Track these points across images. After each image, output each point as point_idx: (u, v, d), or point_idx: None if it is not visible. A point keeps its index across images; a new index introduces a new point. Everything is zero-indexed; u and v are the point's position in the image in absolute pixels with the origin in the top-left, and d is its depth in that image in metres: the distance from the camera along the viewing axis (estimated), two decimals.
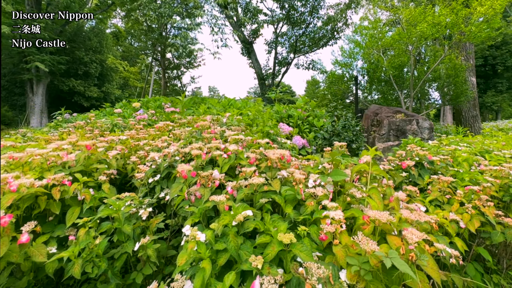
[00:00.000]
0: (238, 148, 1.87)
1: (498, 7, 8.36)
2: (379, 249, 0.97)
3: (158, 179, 2.33)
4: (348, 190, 1.48)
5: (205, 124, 2.47)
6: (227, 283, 1.03)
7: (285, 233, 1.20)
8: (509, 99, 20.17)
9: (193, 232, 1.22)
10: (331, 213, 1.21)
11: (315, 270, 0.95)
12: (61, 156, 2.15)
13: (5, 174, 1.82)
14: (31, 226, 1.66)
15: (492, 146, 4.05)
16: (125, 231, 1.69)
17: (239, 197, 1.56)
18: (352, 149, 3.86)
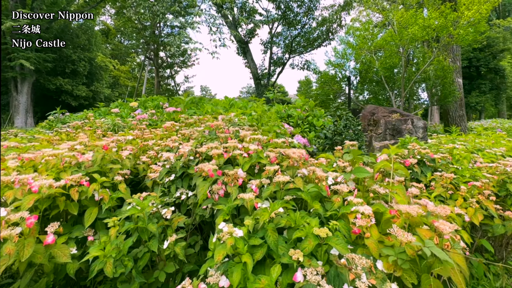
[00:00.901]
0: (258, 147, 1.92)
1: (484, 11, 8.76)
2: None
3: (173, 178, 2.34)
4: (370, 187, 1.55)
5: (219, 123, 2.50)
6: (274, 275, 1.08)
7: (318, 228, 1.26)
8: (492, 100, 21.07)
9: (230, 229, 1.26)
10: (360, 208, 1.29)
11: (358, 260, 1.01)
12: (76, 157, 2.13)
13: (24, 175, 1.80)
14: (55, 226, 1.66)
15: (484, 144, 4.26)
16: (150, 230, 1.70)
17: (265, 194, 1.61)
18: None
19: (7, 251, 1.44)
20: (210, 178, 1.89)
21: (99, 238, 1.79)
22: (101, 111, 7.37)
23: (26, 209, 1.66)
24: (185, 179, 2.43)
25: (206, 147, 2.20)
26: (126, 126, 5.04)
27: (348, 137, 4.03)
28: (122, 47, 30.56)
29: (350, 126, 4.08)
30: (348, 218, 1.38)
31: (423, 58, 11.65)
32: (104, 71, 25.89)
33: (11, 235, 1.47)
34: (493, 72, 19.74)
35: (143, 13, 11.76)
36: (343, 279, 1.09)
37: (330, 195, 1.53)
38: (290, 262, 1.15)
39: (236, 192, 1.57)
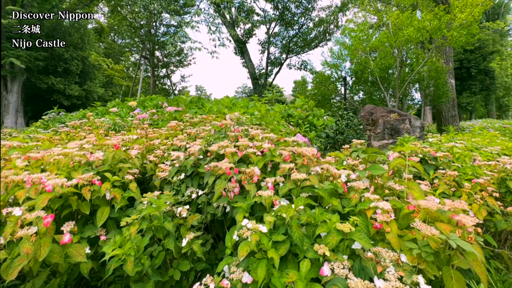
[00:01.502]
0: (271, 146, 1.94)
1: (476, 14, 8.99)
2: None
3: (183, 177, 2.34)
4: (385, 183, 1.60)
5: (228, 122, 2.51)
6: (303, 269, 1.10)
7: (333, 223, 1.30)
8: (482, 100, 21.62)
9: (254, 225, 1.28)
10: (380, 204, 1.32)
11: (385, 254, 1.05)
12: (87, 156, 2.11)
13: (37, 174, 1.77)
14: (70, 226, 1.65)
15: (480, 143, 4.39)
16: (167, 228, 1.70)
17: (281, 192, 1.63)
18: None
19: (25, 251, 1.42)
20: (225, 176, 1.90)
21: (113, 237, 1.78)
22: (99, 111, 7.27)
23: (40, 208, 1.64)
24: (195, 178, 2.43)
25: (217, 145, 2.21)
26: (126, 126, 4.99)
27: (350, 136, 4.09)
28: (116, 46, 30.17)
29: (351, 125, 4.14)
30: (366, 214, 1.42)
31: (416, 59, 11.88)
32: (97, 70, 25.49)
33: (27, 235, 1.46)
34: (483, 74, 20.25)
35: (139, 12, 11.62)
36: (368, 272, 1.13)
37: (347, 192, 1.56)
38: (316, 256, 1.17)
39: (255, 190, 1.59)
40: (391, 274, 0.97)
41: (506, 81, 23.32)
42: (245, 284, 1.31)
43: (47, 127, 7.06)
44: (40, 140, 3.41)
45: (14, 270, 1.47)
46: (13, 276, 1.46)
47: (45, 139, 3.34)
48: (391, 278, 0.95)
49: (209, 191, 2.22)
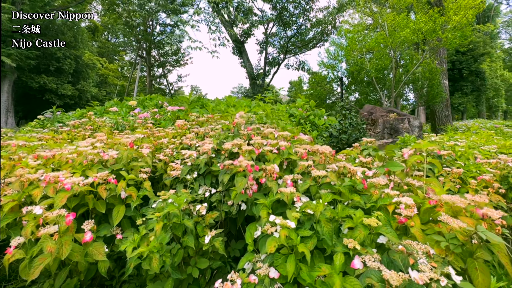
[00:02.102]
0: (287, 144, 1.97)
1: (470, 16, 9.22)
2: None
3: (196, 176, 2.34)
4: (403, 179, 1.64)
5: (240, 121, 2.53)
6: (337, 262, 1.13)
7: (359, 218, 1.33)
8: (473, 101, 22.16)
9: (282, 221, 1.30)
10: (403, 199, 1.36)
11: (416, 246, 1.08)
12: (100, 154, 2.09)
13: (54, 173, 1.75)
14: (90, 224, 1.63)
15: (478, 142, 4.51)
16: (187, 226, 1.71)
17: (302, 188, 1.66)
18: None
19: (49, 249, 1.41)
20: (242, 173, 1.91)
21: (132, 236, 1.77)
22: (97, 110, 7.17)
23: (59, 207, 1.63)
24: (207, 177, 2.44)
25: (231, 143, 2.22)
26: (128, 125, 4.94)
27: (353, 135, 4.15)
28: (110, 44, 29.77)
29: (354, 124, 4.20)
30: (387, 209, 1.45)
31: (410, 60, 12.10)
32: (91, 70, 25.09)
33: (49, 233, 1.44)
34: (474, 75, 20.76)
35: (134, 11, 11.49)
36: (397, 264, 1.16)
37: (367, 188, 1.60)
38: (345, 250, 1.20)
39: (277, 187, 1.61)
40: (424, 265, 1.01)
41: (496, 82, 23.97)
42: (272, 279, 1.33)
43: (44, 127, 6.93)
44: (44, 139, 3.35)
45: (36, 269, 1.45)
46: (34, 275, 1.44)
47: (49, 139, 3.29)
48: (425, 269, 0.98)
49: (224, 189, 2.23)
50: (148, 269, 1.73)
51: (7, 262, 1.51)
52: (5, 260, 1.51)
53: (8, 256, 1.51)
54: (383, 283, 1.03)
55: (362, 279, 1.06)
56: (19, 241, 1.55)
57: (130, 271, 1.68)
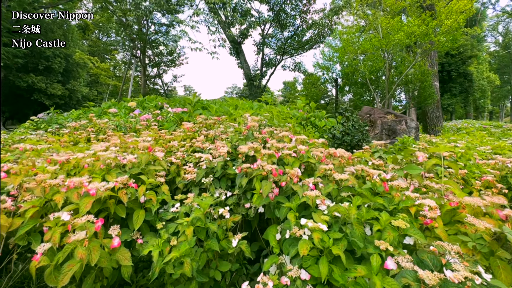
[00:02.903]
0: (306, 147, 2.01)
1: (461, 20, 9.54)
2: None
3: (212, 179, 2.36)
4: (421, 182, 1.71)
5: (254, 124, 2.56)
6: (375, 263, 1.17)
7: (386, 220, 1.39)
8: (461, 102, 22.86)
9: (314, 224, 1.34)
10: (426, 201, 1.43)
11: (448, 247, 1.14)
12: (118, 158, 2.08)
13: (77, 178, 1.74)
14: (117, 230, 1.64)
15: (475, 143, 4.69)
16: (212, 229, 1.73)
17: (325, 191, 1.71)
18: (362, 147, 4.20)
19: (80, 256, 1.41)
20: (259, 176, 1.95)
21: (156, 240, 1.78)
22: (94, 111, 7.04)
23: (85, 212, 1.62)
24: (222, 180, 2.46)
25: (247, 147, 2.25)
26: (130, 127, 4.89)
27: (357, 137, 4.24)
28: (101, 43, 29.18)
29: (357, 126, 4.29)
30: (409, 211, 1.52)
31: (402, 62, 12.38)
32: (81, 69, 24.53)
33: (80, 240, 1.44)
34: (462, 77, 21.43)
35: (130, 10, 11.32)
36: (426, 264, 1.22)
37: (388, 191, 1.66)
38: (376, 252, 1.26)
39: (302, 190, 1.65)
40: (457, 264, 1.07)
41: (483, 84, 24.82)
42: (304, 281, 1.37)
43: (38, 128, 6.78)
44: (49, 142, 3.29)
45: (65, 276, 1.45)
46: (64, 282, 1.43)
47: (54, 142, 3.23)
48: (459, 268, 1.05)
49: (242, 192, 2.26)
50: (172, 273, 1.74)
51: (33, 269, 1.50)
52: (32, 267, 1.50)
53: (35, 263, 1.49)
54: (419, 282, 1.09)
55: (398, 279, 1.12)
56: (44, 247, 1.54)
57: (156, 275, 1.69)
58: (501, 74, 30.57)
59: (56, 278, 1.56)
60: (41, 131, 5.83)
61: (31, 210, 1.68)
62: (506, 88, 31.19)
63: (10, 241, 1.81)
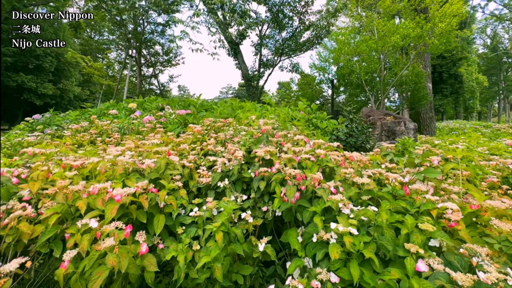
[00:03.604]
0: (325, 152, 2.05)
1: (454, 24, 9.80)
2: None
3: (228, 183, 2.37)
4: (438, 186, 1.77)
5: (268, 128, 2.58)
6: (409, 266, 1.22)
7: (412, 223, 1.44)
8: (452, 102, 23.44)
9: (345, 228, 1.38)
10: (448, 204, 1.48)
11: (478, 249, 1.20)
12: (137, 163, 2.08)
13: (101, 184, 1.73)
14: (143, 236, 1.64)
15: (472, 143, 4.85)
16: (237, 233, 1.74)
17: (347, 195, 1.75)
18: (366, 149, 4.29)
19: (111, 263, 1.41)
20: (279, 180, 1.98)
21: (172, 245, 1.79)
22: (92, 112, 6.93)
23: (110, 218, 1.62)
24: (237, 183, 2.47)
25: (263, 150, 2.28)
26: (133, 129, 4.84)
27: (361, 139, 4.32)
28: (93, 42, 28.65)
29: (361, 128, 4.37)
30: (431, 214, 1.58)
31: (397, 64, 12.63)
32: (73, 68, 24.01)
33: (108, 246, 1.44)
34: (453, 78, 21.99)
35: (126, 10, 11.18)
36: (454, 266, 1.27)
37: (409, 194, 1.71)
38: (406, 255, 1.30)
39: (327, 194, 1.69)
40: (488, 266, 1.12)
41: (472, 85, 25.54)
42: (334, 284, 1.41)
43: (33, 130, 6.64)
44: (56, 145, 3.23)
45: (94, 283, 1.44)
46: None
47: (61, 144, 3.18)
48: (491, 270, 1.10)
49: (259, 196, 2.28)
50: (196, 277, 1.76)
51: (61, 276, 1.49)
52: (59, 275, 1.49)
53: (63, 271, 1.48)
54: (452, 284, 1.14)
55: (431, 281, 1.17)
56: (70, 255, 1.53)
57: (182, 280, 1.70)
58: (489, 76, 31.54)
59: (82, 285, 1.56)
60: (36, 133, 5.71)
61: (53, 217, 1.67)
62: (494, 89, 32.19)
63: (30, 248, 1.79)
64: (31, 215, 1.68)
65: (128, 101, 6.74)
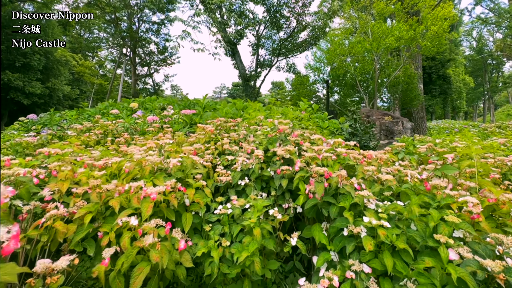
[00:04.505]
0: (346, 150, 2.14)
1: (446, 27, 10.18)
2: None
3: (250, 181, 2.43)
4: (454, 181, 1.89)
5: (285, 128, 2.66)
6: (443, 255, 1.31)
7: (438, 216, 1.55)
8: (441, 103, 24.21)
9: (378, 222, 1.47)
10: (468, 198, 1.60)
11: (503, 238, 1.31)
12: (163, 163, 2.11)
13: (136, 182, 1.76)
14: (179, 233, 1.68)
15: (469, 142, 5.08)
16: (267, 229, 1.81)
17: (371, 191, 1.84)
18: (369, 148, 4.43)
19: (155, 259, 1.45)
20: (301, 178, 2.06)
21: (200, 241, 1.84)
22: (90, 112, 6.82)
23: (147, 216, 1.65)
24: (257, 181, 2.54)
25: (282, 149, 2.35)
26: (138, 129, 4.82)
27: (364, 138, 4.45)
28: (82, 40, 27.96)
29: (365, 128, 4.51)
30: (451, 208, 1.69)
31: (390, 65, 12.98)
32: (62, 66, 23.38)
33: (151, 243, 1.48)
34: (441, 79, 22.72)
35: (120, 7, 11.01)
36: (479, 254, 1.38)
37: (430, 190, 1.82)
38: (436, 245, 1.40)
39: (354, 190, 1.78)
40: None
41: (459, 86, 26.47)
42: (367, 274, 1.50)
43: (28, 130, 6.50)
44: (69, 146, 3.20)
45: (136, 279, 1.48)
46: (136, 285, 1.46)
47: (73, 145, 3.16)
48: None
49: (280, 193, 2.36)
50: (228, 272, 1.81)
51: (102, 273, 1.51)
52: (101, 272, 1.51)
53: (104, 268, 1.51)
54: (482, 270, 1.24)
55: (463, 268, 1.27)
56: (109, 252, 1.56)
57: (216, 275, 1.75)
58: (475, 77, 32.78)
59: (120, 281, 1.59)
60: (32, 133, 5.59)
61: (88, 216, 1.69)
62: (479, 90, 33.46)
63: (63, 247, 1.80)
64: (64, 214, 1.70)
65: (128, 101, 6.68)
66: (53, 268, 1.23)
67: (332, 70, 15.19)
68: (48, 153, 2.59)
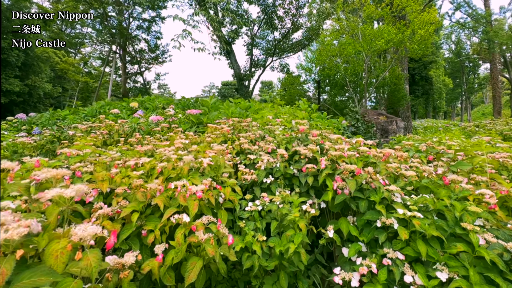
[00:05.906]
0: (370, 149, 2.31)
1: (431, 30, 10.74)
2: None
3: (279, 179, 2.54)
4: (467, 176, 2.10)
5: (306, 128, 2.79)
6: (474, 240, 1.49)
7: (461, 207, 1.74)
8: (423, 103, 25.36)
9: (411, 213, 1.63)
10: (484, 190, 1.80)
11: None
12: (198, 162, 2.17)
13: (181, 181, 1.82)
14: (225, 228, 1.76)
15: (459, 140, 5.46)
16: (300, 226, 1.93)
17: (398, 186, 2.01)
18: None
19: (211, 253, 1.53)
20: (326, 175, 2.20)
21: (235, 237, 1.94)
22: (87, 112, 6.64)
23: (194, 213, 1.72)
24: (281, 179, 2.65)
25: (307, 148, 2.48)
26: (143, 129, 4.79)
27: (366, 137, 4.68)
28: (64, 35, 26.77)
29: (367, 127, 4.73)
30: (469, 199, 1.89)
31: (378, 66, 13.48)
32: (43, 63, 22.28)
33: (205, 239, 1.56)
34: (424, 80, 23.82)
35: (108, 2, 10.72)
36: (500, 238, 1.58)
37: (448, 184, 2.02)
38: (464, 232, 1.58)
39: (382, 186, 1.93)
40: None
41: (440, 87, 27.89)
42: (402, 260, 1.66)
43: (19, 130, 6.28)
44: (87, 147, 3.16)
45: (191, 273, 1.55)
46: (191, 279, 1.54)
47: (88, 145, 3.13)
48: None
49: (305, 190, 2.48)
50: (266, 265, 1.92)
51: (156, 269, 1.57)
52: (155, 267, 1.57)
53: (158, 263, 1.57)
54: (508, 251, 1.43)
55: (491, 250, 1.45)
56: (161, 248, 1.62)
57: (257, 267, 1.85)
58: (454, 78, 34.66)
59: (170, 276, 1.66)
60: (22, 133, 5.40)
61: (135, 215, 1.73)
62: (457, 91, 35.39)
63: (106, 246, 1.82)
64: (110, 214, 1.73)
65: (128, 101, 6.57)
66: (123, 264, 1.28)
67: (322, 71, 15.54)
68: (70, 154, 2.57)
